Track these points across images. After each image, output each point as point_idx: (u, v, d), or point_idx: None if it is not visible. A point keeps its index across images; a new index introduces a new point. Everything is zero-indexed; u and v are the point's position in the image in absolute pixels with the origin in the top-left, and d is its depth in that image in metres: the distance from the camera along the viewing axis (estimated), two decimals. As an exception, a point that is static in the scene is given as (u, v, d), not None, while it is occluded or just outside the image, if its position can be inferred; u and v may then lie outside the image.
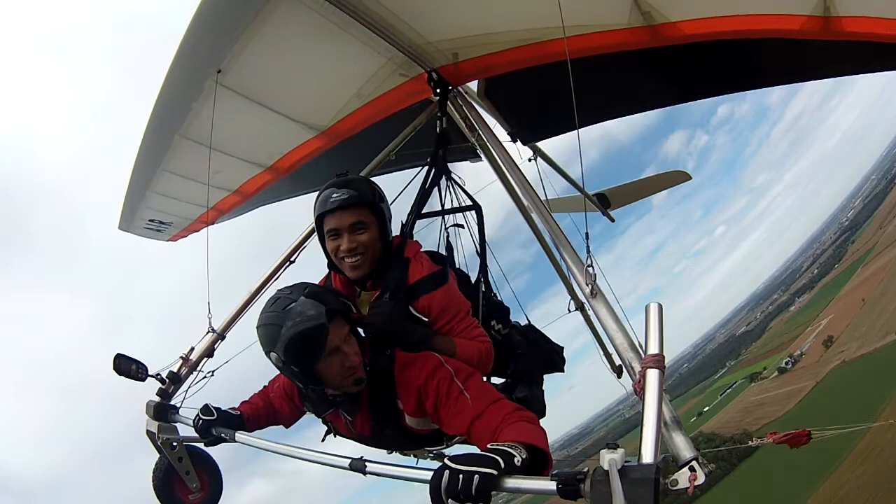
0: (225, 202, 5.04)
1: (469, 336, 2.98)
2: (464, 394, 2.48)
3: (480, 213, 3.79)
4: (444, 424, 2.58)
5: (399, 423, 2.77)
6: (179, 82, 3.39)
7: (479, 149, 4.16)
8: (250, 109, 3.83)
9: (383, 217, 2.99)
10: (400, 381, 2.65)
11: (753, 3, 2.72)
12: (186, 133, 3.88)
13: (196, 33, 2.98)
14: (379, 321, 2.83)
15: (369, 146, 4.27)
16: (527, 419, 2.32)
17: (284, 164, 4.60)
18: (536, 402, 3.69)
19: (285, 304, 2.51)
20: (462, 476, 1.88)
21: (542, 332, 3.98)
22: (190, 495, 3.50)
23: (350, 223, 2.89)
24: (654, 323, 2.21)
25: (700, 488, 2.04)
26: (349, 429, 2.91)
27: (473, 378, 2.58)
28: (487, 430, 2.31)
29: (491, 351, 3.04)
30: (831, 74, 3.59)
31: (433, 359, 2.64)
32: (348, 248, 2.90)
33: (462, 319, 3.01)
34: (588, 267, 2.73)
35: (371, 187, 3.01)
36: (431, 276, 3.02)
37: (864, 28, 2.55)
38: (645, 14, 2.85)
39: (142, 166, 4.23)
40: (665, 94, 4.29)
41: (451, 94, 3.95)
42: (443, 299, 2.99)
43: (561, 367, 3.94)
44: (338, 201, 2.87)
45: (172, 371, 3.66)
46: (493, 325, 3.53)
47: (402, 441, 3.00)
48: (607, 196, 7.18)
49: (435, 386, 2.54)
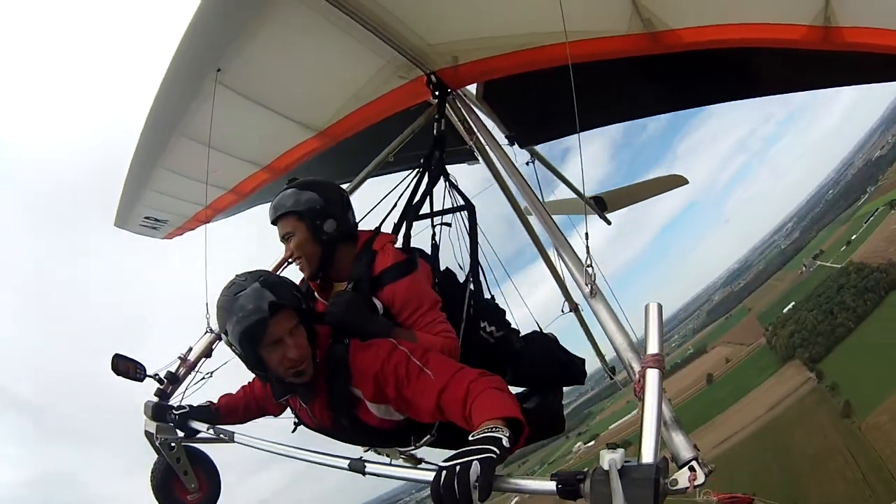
0: (221, 201, 5.06)
1: (432, 331, 2.96)
2: (424, 370, 2.47)
3: (473, 213, 3.76)
4: (409, 407, 2.57)
5: (355, 414, 2.77)
6: (178, 80, 3.40)
7: (477, 152, 4.18)
8: (249, 108, 3.83)
9: (310, 220, 3.12)
10: (355, 367, 2.65)
11: (754, 12, 2.73)
12: (184, 131, 3.89)
13: (196, 32, 2.99)
14: (337, 311, 2.88)
15: (366, 148, 4.28)
16: (495, 386, 2.29)
17: (281, 163, 4.61)
18: (549, 415, 3.63)
19: (237, 290, 2.58)
20: (459, 468, 1.85)
21: (557, 341, 3.84)
22: (188, 495, 3.49)
23: (281, 234, 3.19)
24: (654, 322, 2.23)
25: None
26: (310, 418, 2.93)
27: (430, 354, 2.57)
28: (456, 402, 2.29)
29: (455, 348, 3.02)
30: (831, 84, 3.61)
31: (386, 343, 2.65)
32: (286, 257, 3.25)
33: (426, 313, 3.00)
34: (588, 267, 2.75)
35: (299, 195, 3.17)
36: (396, 266, 3.05)
37: (865, 39, 2.56)
38: (645, 21, 2.87)
39: (139, 163, 4.23)
40: (664, 100, 4.31)
41: (450, 96, 3.96)
42: (407, 290, 3.01)
43: (581, 379, 3.81)
44: (270, 217, 3.23)
45: (170, 371, 3.66)
46: (483, 326, 3.47)
47: (363, 435, 2.96)
48: (604, 199, 7.20)
49: (393, 368, 2.53)
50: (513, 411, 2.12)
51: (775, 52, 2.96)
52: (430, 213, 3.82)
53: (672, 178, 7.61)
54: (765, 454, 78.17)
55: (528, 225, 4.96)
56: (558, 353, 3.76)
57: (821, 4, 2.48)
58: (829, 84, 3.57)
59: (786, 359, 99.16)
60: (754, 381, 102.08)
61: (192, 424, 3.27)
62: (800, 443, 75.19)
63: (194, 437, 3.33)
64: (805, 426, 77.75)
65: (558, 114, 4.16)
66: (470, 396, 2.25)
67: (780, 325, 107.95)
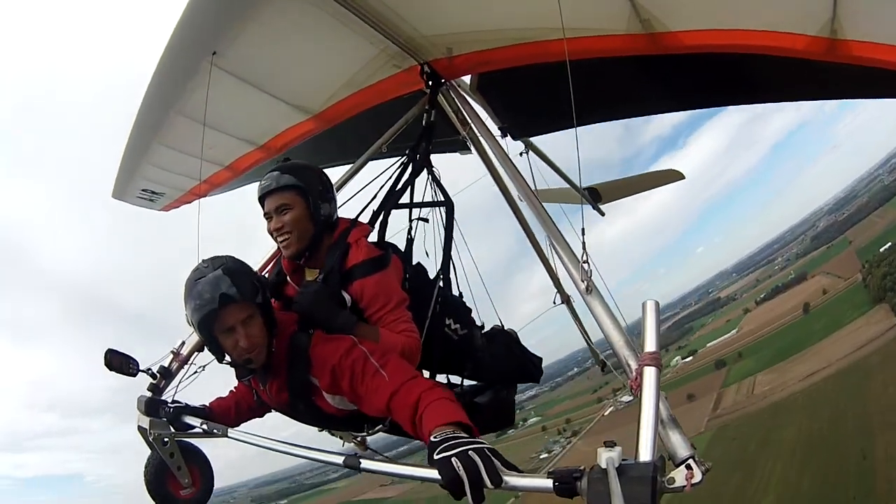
0: (217, 176, 5.09)
1: (396, 329, 3.01)
2: (380, 371, 2.54)
3: (451, 210, 3.75)
4: (361, 402, 2.67)
5: (312, 400, 2.87)
6: (175, 62, 3.40)
7: (469, 142, 4.16)
8: (244, 90, 3.83)
9: (309, 197, 3.12)
10: (314, 358, 2.74)
11: (756, 19, 2.70)
12: (181, 110, 3.88)
13: (192, 16, 2.97)
14: (303, 301, 2.94)
15: (362, 131, 4.28)
16: (446, 396, 2.38)
17: (276, 143, 4.64)
18: (502, 409, 3.77)
19: (197, 276, 2.69)
20: (473, 452, 1.96)
21: (518, 339, 4.01)
22: (182, 490, 3.48)
23: (276, 206, 3.12)
24: (651, 320, 2.22)
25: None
26: (269, 396, 3.02)
27: (389, 356, 2.65)
28: (406, 407, 2.37)
29: (417, 348, 3.06)
30: (832, 96, 3.60)
31: (347, 339, 2.73)
32: (275, 228, 3.14)
33: (392, 311, 3.04)
34: (583, 263, 2.74)
35: (298, 170, 3.17)
36: (368, 261, 3.08)
37: (871, 54, 2.55)
38: (644, 22, 2.84)
39: (137, 138, 4.24)
40: (662, 100, 4.30)
41: (444, 87, 3.93)
42: (375, 286, 3.04)
43: (536, 377, 4.00)
44: (265, 187, 3.14)
45: (163, 366, 3.63)
46: (448, 324, 3.51)
47: (318, 419, 3.11)
48: (598, 190, 7.21)
49: (350, 364, 2.61)
50: (464, 419, 2.20)
51: (779, 60, 2.93)
52: (407, 204, 3.80)
53: (668, 172, 7.65)
54: (842, 397, 78.27)
55: (520, 216, 4.95)
56: (517, 352, 3.90)
57: (828, 15, 2.45)
58: (831, 96, 3.55)
59: (877, 300, 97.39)
60: (846, 318, 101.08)
61: (185, 419, 3.26)
62: (875, 392, 74.64)
63: (188, 431, 3.31)
64: (884, 375, 76.47)
65: (553, 108, 4.14)
66: (422, 403, 2.33)
67: (875, 264, 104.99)
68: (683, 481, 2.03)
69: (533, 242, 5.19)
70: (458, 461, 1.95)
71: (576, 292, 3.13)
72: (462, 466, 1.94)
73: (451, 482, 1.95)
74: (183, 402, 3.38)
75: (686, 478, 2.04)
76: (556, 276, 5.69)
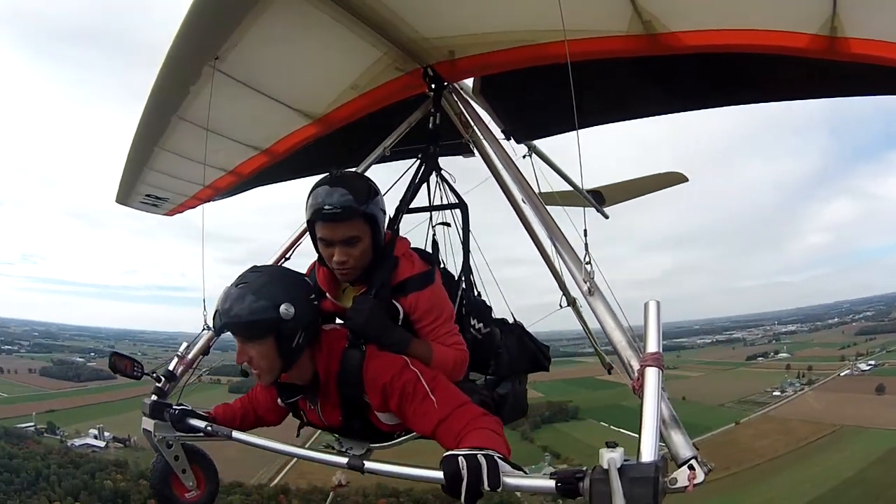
0: (221, 181, 5.10)
1: (447, 342, 3.00)
2: (430, 396, 2.54)
3: (466, 212, 3.80)
4: (408, 422, 2.68)
5: (367, 418, 2.85)
6: (177, 67, 3.38)
7: (473, 145, 4.17)
8: (247, 95, 3.83)
9: (376, 223, 2.88)
10: (367, 376, 2.71)
11: (757, 18, 2.69)
12: (184, 115, 3.88)
13: (194, 21, 2.96)
14: (359, 318, 2.82)
15: (365, 135, 4.25)
16: (490, 427, 2.39)
17: (280, 148, 4.64)
18: (518, 400, 3.74)
19: (236, 282, 2.69)
20: (480, 456, 2.02)
21: (528, 331, 4.04)
22: (187, 493, 3.51)
23: (342, 238, 2.81)
24: (653, 321, 2.23)
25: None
26: (319, 419, 2.98)
27: (439, 381, 2.64)
28: (452, 434, 2.39)
29: (466, 360, 3.08)
30: (832, 94, 3.57)
31: (399, 360, 2.70)
32: (339, 262, 2.85)
33: (444, 323, 3.03)
34: (586, 264, 2.75)
35: (366, 192, 2.87)
36: (420, 275, 3.03)
37: (871, 51, 2.53)
38: (646, 23, 2.83)
39: (139, 143, 4.25)
40: (664, 101, 4.29)
41: (447, 90, 3.94)
42: (429, 299, 3.01)
43: (546, 366, 4.01)
44: (329, 213, 2.76)
45: (168, 369, 3.66)
46: (473, 324, 3.54)
47: (371, 435, 3.05)
48: (602, 193, 7.20)
49: (401, 385, 2.60)
50: (501, 449, 2.19)
51: (780, 59, 2.93)
52: (423, 208, 3.88)
53: (672, 174, 7.61)
54: None
55: (524, 219, 4.95)
56: (529, 344, 3.92)
57: (828, 13, 2.44)
58: (831, 94, 3.54)
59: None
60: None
61: (190, 422, 3.25)
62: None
63: (192, 434, 3.31)
64: None
65: (555, 111, 4.14)
66: (465, 429, 2.36)
67: None
68: (686, 481, 2.03)
69: (537, 245, 5.18)
70: (463, 460, 2.00)
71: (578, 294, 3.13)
72: (466, 465, 1.98)
73: (451, 478, 1.99)
74: (188, 406, 3.38)
75: (688, 478, 2.03)
76: (562, 279, 5.68)
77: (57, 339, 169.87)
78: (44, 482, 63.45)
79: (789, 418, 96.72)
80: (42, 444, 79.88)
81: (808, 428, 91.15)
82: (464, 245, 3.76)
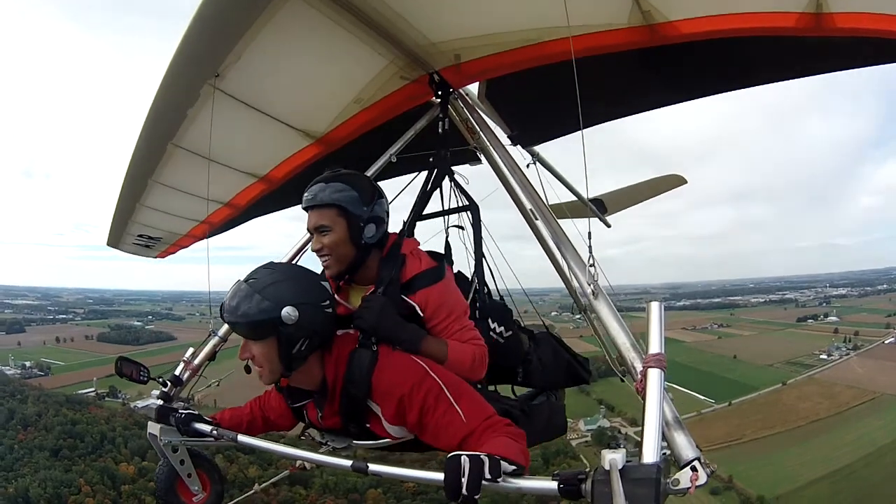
0: (217, 215, 4.97)
1: (463, 338, 2.92)
2: (454, 407, 2.42)
3: (477, 213, 3.76)
4: (428, 436, 2.52)
5: (363, 424, 2.74)
6: (176, 88, 3.32)
7: (480, 152, 4.16)
8: (247, 116, 3.78)
9: (354, 217, 2.90)
10: (379, 383, 2.58)
11: (748, 2, 2.73)
12: (180, 142, 3.81)
13: (195, 36, 2.93)
14: (369, 316, 2.75)
15: (363, 155, 4.19)
16: (513, 436, 2.32)
17: (278, 173, 4.56)
18: (554, 416, 3.57)
19: (246, 278, 2.61)
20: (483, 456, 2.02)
21: (562, 340, 3.84)
22: (192, 498, 3.51)
23: (315, 225, 2.92)
24: (655, 322, 2.22)
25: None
26: (318, 420, 2.90)
27: (464, 391, 2.53)
28: (478, 446, 2.28)
29: (485, 355, 2.97)
30: (822, 70, 3.60)
31: (419, 368, 2.57)
32: (315, 249, 2.97)
33: (457, 319, 2.95)
34: (590, 267, 2.75)
35: (348, 188, 2.92)
36: (429, 272, 2.97)
37: (855, 24, 2.57)
38: (645, 13, 2.86)
39: (132, 179, 4.17)
40: (664, 93, 4.29)
41: (452, 96, 3.94)
42: (440, 295, 2.94)
43: (586, 378, 3.80)
44: (307, 199, 2.93)
45: (174, 374, 3.67)
46: (493, 327, 3.43)
47: (368, 439, 2.92)
48: (603, 201, 7.17)
49: (423, 396, 2.46)
50: (519, 459, 2.15)
51: (771, 41, 2.97)
52: (437, 212, 3.85)
53: (671, 177, 7.58)
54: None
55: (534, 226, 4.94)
56: (564, 354, 3.74)
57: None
58: (826, 69, 3.56)
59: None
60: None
61: (195, 426, 3.21)
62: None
63: (198, 438, 3.29)
64: None
65: (560, 111, 4.16)
66: (487, 435, 2.33)
67: None
68: (688, 483, 2.01)
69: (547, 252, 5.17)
70: (466, 459, 2.00)
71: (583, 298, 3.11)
72: (469, 466, 1.98)
73: (451, 475, 1.99)
74: (194, 410, 3.36)
75: (691, 479, 2.02)
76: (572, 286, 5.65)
77: (112, 305, 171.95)
78: (109, 444, 65.60)
79: (834, 382, 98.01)
80: (104, 409, 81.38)
81: (851, 393, 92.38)
82: (476, 246, 3.70)
